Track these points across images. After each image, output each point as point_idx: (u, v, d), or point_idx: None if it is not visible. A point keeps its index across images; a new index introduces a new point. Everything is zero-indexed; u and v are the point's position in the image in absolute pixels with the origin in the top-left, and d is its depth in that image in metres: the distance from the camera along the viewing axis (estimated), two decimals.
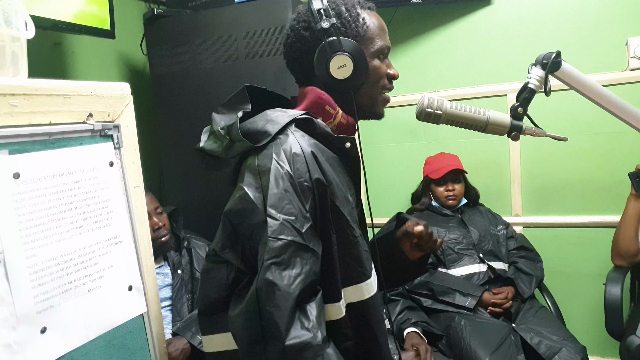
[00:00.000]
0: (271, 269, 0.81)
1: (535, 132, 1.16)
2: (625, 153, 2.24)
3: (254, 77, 1.96)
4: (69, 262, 0.84)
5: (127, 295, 0.95)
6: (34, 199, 0.79)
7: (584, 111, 2.26)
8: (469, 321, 1.93)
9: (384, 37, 1.05)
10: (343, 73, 0.98)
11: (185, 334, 1.60)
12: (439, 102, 1.12)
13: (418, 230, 1.12)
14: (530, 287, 2.10)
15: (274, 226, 0.84)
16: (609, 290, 1.90)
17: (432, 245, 1.16)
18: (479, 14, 2.47)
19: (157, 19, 2.10)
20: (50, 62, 1.87)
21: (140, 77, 2.33)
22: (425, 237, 1.14)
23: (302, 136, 0.93)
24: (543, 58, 1.18)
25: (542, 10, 2.35)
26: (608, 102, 1.23)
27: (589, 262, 2.38)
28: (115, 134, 0.95)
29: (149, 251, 1.02)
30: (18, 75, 0.85)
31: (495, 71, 2.47)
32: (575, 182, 2.39)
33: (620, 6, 2.23)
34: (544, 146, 2.39)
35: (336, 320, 0.91)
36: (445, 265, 2.16)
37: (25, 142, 0.78)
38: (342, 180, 0.96)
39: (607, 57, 2.27)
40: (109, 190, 0.93)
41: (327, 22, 0.98)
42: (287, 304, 0.80)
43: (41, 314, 0.78)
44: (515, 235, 2.34)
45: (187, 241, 1.86)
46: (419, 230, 1.12)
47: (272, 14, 1.92)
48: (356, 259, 0.95)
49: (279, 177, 0.87)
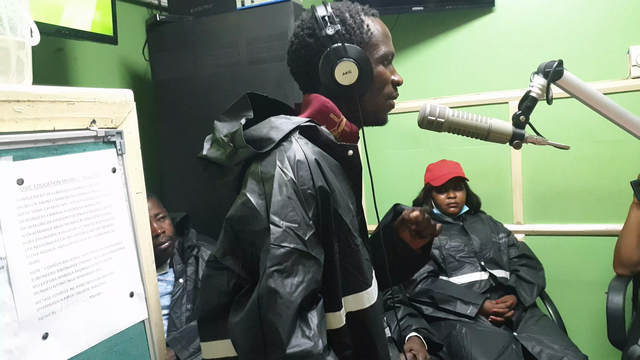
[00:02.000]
0: (273, 277, 0.81)
1: (537, 140, 1.16)
2: (627, 161, 2.24)
3: (255, 84, 1.96)
4: (71, 268, 0.84)
5: (128, 301, 0.95)
6: (37, 205, 0.79)
7: (586, 119, 2.26)
8: (470, 329, 1.92)
9: (388, 43, 1.05)
10: (348, 79, 0.98)
11: (175, 346, 1.57)
12: (440, 110, 1.12)
13: (414, 216, 1.13)
14: (531, 295, 2.10)
15: (277, 233, 0.83)
16: (611, 299, 1.89)
17: (431, 229, 1.17)
18: (480, 22, 2.48)
19: (160, 25, 2.11)
20: (52, 67, 1.88)
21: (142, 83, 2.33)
22: (422, 223, 1.15)
23: (305, 143, 0.93)
24: (545, 67, 1.18)
25: (544, 18, 2.36)
26: (609, 111, 1.23)
27: (590, 271, 2.38)
28: (118, 141, 0.95)
29: (151, 257, 1.02)
30: (23, 82, 0.85)
31: (497, 79, 2.48)
32: (577, 190, 2.39)
33: (622, 15, 2.24)
34: (545, 154, 2.39)
35: (336, 329, 0.91)
36: (447, 273, 2.16)
37: (29, 149, 0.79)
38: (344, 188, 0.96)
39: (608, 66, 2.28)
40: (112, 197, 0.93)
41: (332, 29, 0.98)
42: (288, 312, 0.80)
43: (43, 320, 0.78)
44: (517, 243, 2.33)
45: (197, 249, 1.82)
46: (415, 216, 1.13)
47: (274, 21, 1.93)
48: (357, 268, 0.94)
49: (282, 184, 0.86)
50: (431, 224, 1.16)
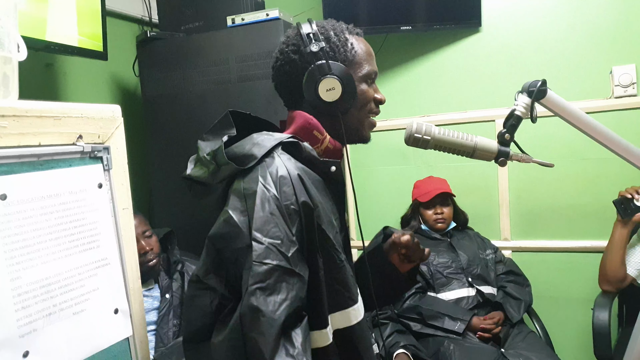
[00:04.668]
0: (256, 294, 0.80)
1: (522, 158, 1.18)
2: (611, 179, 2.28)
3: (245, 101, 1.97)
4: (54, 284, 0.83)
5: (112, 318, 0.94)
6: (21, 221, 0.78)
7: (570, 137, 2.29)
8: (457, 346, 1.92)
9: (372, 62, 1.07)
10: (332, 96, 0.99)
11: None
12: (427, 128, 1.14)
13: (405, 240, 1.14)
14: (519, 311, 2.10)
15: (259, 250, 0.82)
16: (597, 315, 1.91)
17: (419, 254, 1.17)
18: (467, 41, 2.52)
19: (150, 41, 2.12)
20: (41, 82, 1.88)
21: (132, 99, 2.34)
22: (412, 247, 1.15)
23: (288, 159, 0.92)
24: (529, 86, 1.21)
25: (529, 39, 2.41)
26: (592, 130, 1.26)
27: (577, 287, 2.39)
28: (104, 156, 0.95)
29: (136, 274, 1.01)
30: (8, 97, 0.85)
31: (483, 97, 2.51)
32: (563, 207, 2.41)
33: (605, 36, 2.29)
34: (531, 171, 2.42)
35: (323, 347, 0.89)
36: (435, 289, 2.16)
37: (13, 164, 0.78)
38: (327, 204, 0.96)
39: (592, 85, 2.32)
40: (97, 212, 0.92)
41: (316, 46, 0.99)
42: (272, 331, 0.78)
43: (24, 338, 0.77)
44: (504, 260, 2.35)
45: (182, 264, 1.82)
46: (405, 240, 1.14)
47: (264, 38, 1.95)
48: (343, 284, 0.94)
49: (265, 200, 0.86)
50: (420, 248, 1.17)
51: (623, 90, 2.24)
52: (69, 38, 1.61)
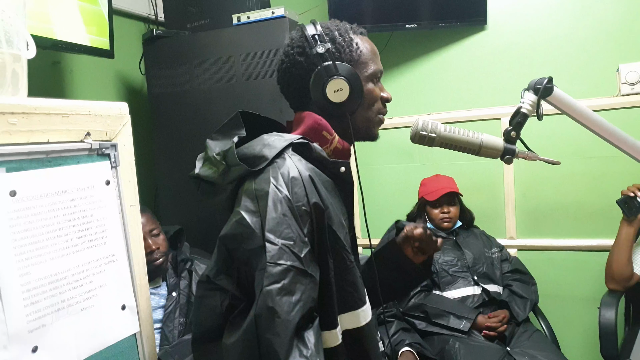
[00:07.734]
0: (271, 295, 0.80)
1: (528, 155, 1.17)
2: (618, 176, 2.27)
3: (251, 98, 1.97)
4: (62, 280, 0.83)
5: (120, 314, 0.95)
6: (30, 217, 0.79)
7: (577, 135, 2.28)
8: (463, 344, 1.92)
9: (377, 61, 1.07)
10: (339, 97, 0.99)
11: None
12: (433, 125, 1.14)
13: (418, 233, 1.15)
14: (524, 310, 2.10)
15: (273, 251, 0.83)
16: (604, 314, 1.90)
17: (433, 245, 1.18)
18: (473, 39, 2.52)
19: (156, 39, 2.13)
20: (48, 80, 1.89)
21: (138, 97, 2.35)
22: (425, 239, 1.16)
23: (299, 160, 0.93)
24: (535, 83, 1.20)
25: (535, 36, 2.40)
26: (599, 127, 1.25)
27: (583, 286, 2.39)
28: (112, 153, 0.95)
29: (143, 270, 1.01)
30: (18, 94, 0.85)
31: (489, 95, 2.50)
32: (569, 205, 2.41)
33: (612, 33, 2.28)
34: (537, 169, 2.41)
35: (332, 348, 0.90)
36: (440, 287, 2.16)
37: (22, 161, 0.79)
38: (337, 205, 0.96)
39: (598, 83, 2.31)
40: (105, 209, 0.93)
41: (322, 47, 0.99)
42: (286, 332, 0.79)
43: (33, 333, 0.77)
44: (510, 258, 2.34)
45: (191, 262, 1.81)
46: (419, 233, 1.15)
47: (269, 37, 1.95)
48: (352, 285, 0.94)
49: (277, 201, 0.86)
50: (432, 240, 1.18)
51: (630, 88, 2.23)
52: (76, 36, 1.62)
